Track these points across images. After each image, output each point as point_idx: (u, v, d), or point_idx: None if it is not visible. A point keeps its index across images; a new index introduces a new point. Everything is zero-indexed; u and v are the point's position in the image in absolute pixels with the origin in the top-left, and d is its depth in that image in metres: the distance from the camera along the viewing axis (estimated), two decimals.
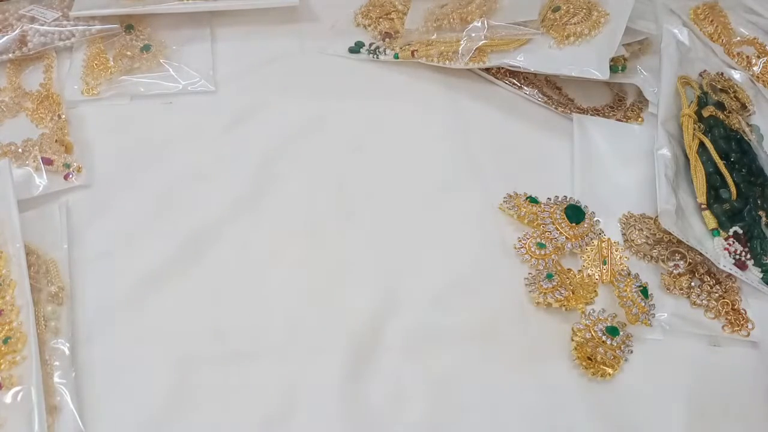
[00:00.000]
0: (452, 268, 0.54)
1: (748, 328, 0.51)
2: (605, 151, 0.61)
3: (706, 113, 0.61)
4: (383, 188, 0.59)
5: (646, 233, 0.55)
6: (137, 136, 0.61)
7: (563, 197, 0.57)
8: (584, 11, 0.64)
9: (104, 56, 0.65)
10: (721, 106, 0.62)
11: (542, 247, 0.54)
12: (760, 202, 0.57)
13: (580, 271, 0.54)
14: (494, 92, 0.66)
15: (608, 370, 0.49)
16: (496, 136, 0.63)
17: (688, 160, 0.59)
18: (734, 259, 0.54)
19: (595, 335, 0.49)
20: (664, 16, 0.70)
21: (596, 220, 0.56)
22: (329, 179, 0.59)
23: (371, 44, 0.69)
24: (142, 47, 0.66)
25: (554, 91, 0.67)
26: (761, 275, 0.54)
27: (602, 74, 0.61)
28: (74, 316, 0.49)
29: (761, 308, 0.53)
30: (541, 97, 0.66)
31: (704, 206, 0.56)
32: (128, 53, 0.65)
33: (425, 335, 0.50)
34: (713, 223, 0.55)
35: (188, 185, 0.58)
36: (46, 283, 0.49)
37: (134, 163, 0.59)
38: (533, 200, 0.57)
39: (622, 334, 0.50)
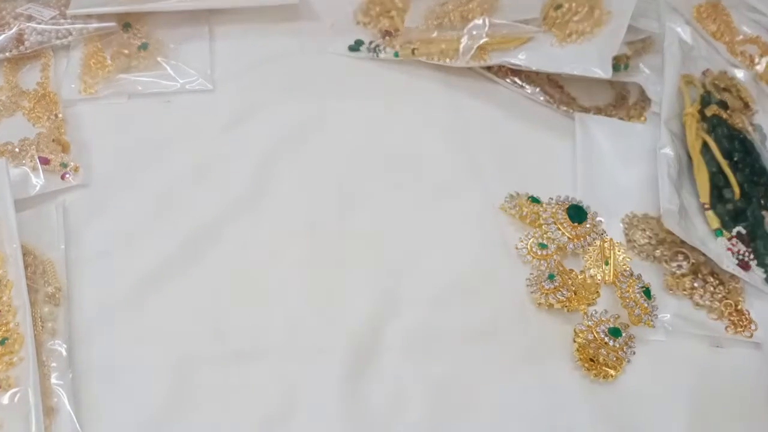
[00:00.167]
0: (453, 268, 0.54)
1: (751, 329, 0.51)
2: (608, 150, 0.61)
3: (709, 112, 0.61)
4: (383, 187, 0.58)
5: (648, 233, 0.55)
6: (135, 135, 0.60)
7: (565, 197, 0.57)
8: (586, 9, 0.64)
9: (102, 55, 0.64)
10: (724, 105, 0.62)
11: (544, 247, 0.53)
12: (763, 201, 0.57)
13: (582, 271, 0.53)
14: (495, 91, 0.66)
15: (611, 371, 0.48)
16: (497, 135, 0.63)
17: (691, 159, 0.59)
18: (737, 259, 0.53)
19: (597, 336, 0.49)
20: (666, 14, 0.69)
21: (598, 220, 0.56)
22: (329, 178, 0.59)
23: (371, 42, 0.69)
24: (139, 45, 0.65)
25: (556, 89, 0.66)
26: (765, 276, 0.54)
27: (605, 73, 0.60)
28: (71, 317, 0.49)
29: (764, 309, 0.52)
30: (542, 95, 0.65)
31: (707, 206, 0.56)
32: (126, 51, 0.64)
33: (426, 335, 0.50)
34: (716, 223, 0.55)
35: (187, 184, 0.57)
36: (43, 283, 0.49)
37: (132, 162, 0.58)
38: (535, 200, 0.56)
39: (624, 335, 0.49)
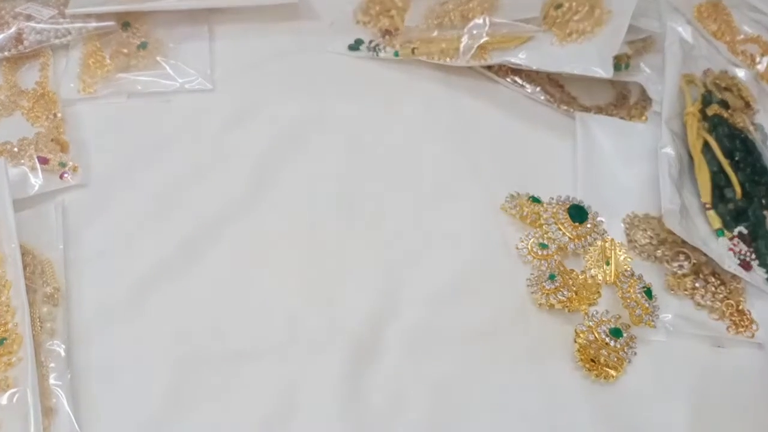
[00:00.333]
0: (453, 268, 0.53)
1: (752, 329, 0.51)
2: (608, 149, 0.60)
3: (710, 112, 0.61)
4: (383, 187, 0.58)
5: (650, 233, 0.55)
6: (134, 134, 0.60)
7: (566, 197, 0.56)
8: (587, 8, 0.63)
9: (101, 54, 0.64)
10: (725, 104, 0.62)
11: (545, 247, 0.53)
12: (765, 201, 0.56)
13: (583, 271, 0.53)
14: (496, 90, 0.66)
15: (611, 372, 0.48)
16: (497, 134, 0.63)
17: (692, 159, 0.58)
18: (739, 259, 0.53)
19: (598, 337, 0.49)
20: (667, 13, 0.69)
21: (599, 220, 0.55)
22: (329, 178, 0.58)
23: (371, 42, 0.68)
24: (139, 45, 0.65)
25: (557, 89, 0.66)
26: (766, 276, 0.53)
27: (605, 72, 0.60)
28: (70, 317, 0.49)
29: (766, 309, 0.52)
30: (543, 95, 0.65)
31: (709, 206, 0.56)
32: (125, 51, 0.64)
33: (426, 335, 0.50)
34: (718, 223, 0.55)
35: (186, 184, 0.57)
36: (41, 283, 0.49)
37: (131, 162, 0.58)
38: (536, 200, 0.56)
39: (625, 335, 0.49)
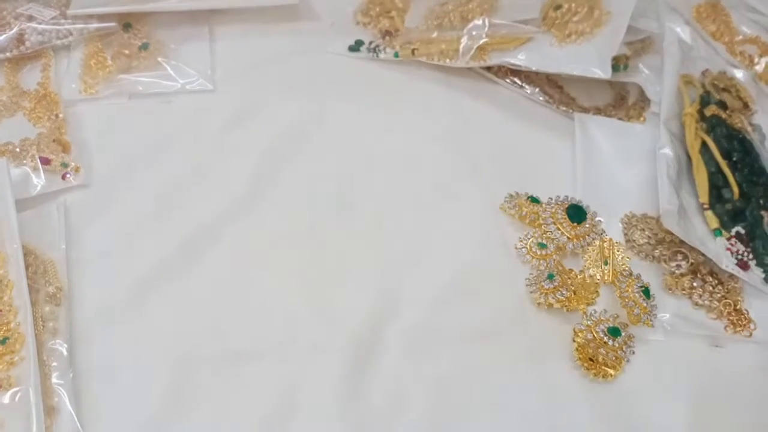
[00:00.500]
0: (453, 268, 0.54)
1: (750, 328, 0.51)
2: (607, 150, 0.61)
3: (708, 112, 0.61)
4: (383, 187, 0.58)
5: (648, 233, 0.55)
6: (136, 135, 0.60)
7: (565, 197, 0.57)
8: (586, 9, 0.64)
9: (102, 55, 0.65)
10: (723, 105, 0.62)
11: (543, 247, 0.54)
12: (762, 201, 0.57)
13: (581, 271, 0.53)
14: (495, 91, 0.66)
15: (610, 371, 0.48)
16: (497, 135, 0.63)
17: (690, 159, 0.59)
18: (736, 259, 0.53)
19: (596, 336, 0.49)
20: (666, 14, 0.69)
21: (598, 220, 0.56)
22: (329, 178, 0.59)
23: (371, 43, 0.69)
24: (140, 46, 0.65)
25: (556, 90, 0.66)
26: (763, 275, 0.54)
27: (604, 73, 0.60)
28: (72, 316, 0.49)
29: (763, 309, 0.52)
30: (542, 96, 0.65)
31: (706, 206, 0.56)
32: (126, 52, 0.64)
33: (425, 335, 0.50)
34: (715, 223, 0.55)
35: (187, 185, 0.57)
36: (44, 283, 0.49)
37: (133, 162, 0.58)
38: (534, 200, 0.57)
39: (623, 334, 0.49)
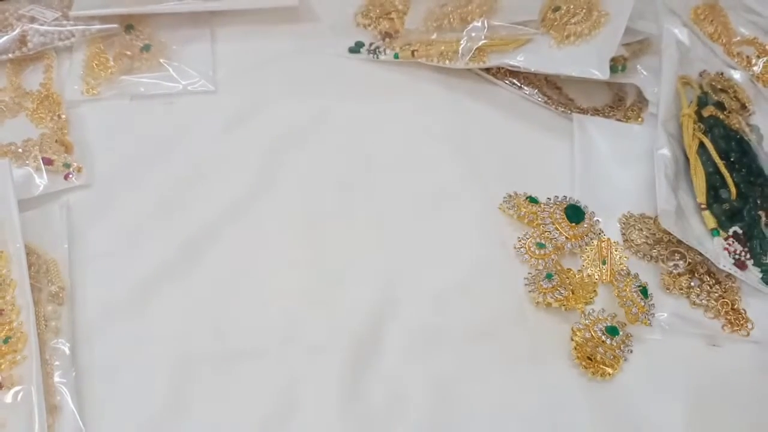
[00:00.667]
0: (452, 268, 0.54)
1: (747, 327, 0.52)
2: (605, 151, 0.61)
3: (706, 113, 0.61)
4: (383, 188, 0.59)
5: (645, 233, 0.55)
6: (137, 136, 0.61)
7: (563, 197, 0.57)
8: (584, 11, 0.64)
9: (104, 56, 0.65)
10: (721, 106, 0.62)
11: (542, 247, 0.54)
12: (759, 202, 0.57)
13: (579, 270, 0.54)
14: (494, 92, 0.66)
15: (608, 369, 0.49)
16: (496, 135, 0.63)
17: (688, 160, 0.59)
18: (734, 258, 0.54)
19: (594, 335, 0.49)
20: (664, 15, 0.70)
21: (596, 220, 0.56)
22: (329, 179, 0.59)
23: (371, 44, 0.69)
24: (142, 47, 0.66)
25: (554, 91, 0.66)
26: (761, 275, 0.54)
27: (602, 74, 0.61)
28: (74, 316, 0.49)
29: (761, 308, 0.53)
30: (541, 97, 0.65)
31: (704, 206, 0.56)
32: (128, 53, 0.65)
33: (425, 335, 0.50)
34: (713, 223, 0.55)
35: (189, 185, 0.58)
36: (46, 282, 0.49)
37: (134, 162, 0.59)
38: (533, 200, 0.57)
39: (621, 333, 0.50)
